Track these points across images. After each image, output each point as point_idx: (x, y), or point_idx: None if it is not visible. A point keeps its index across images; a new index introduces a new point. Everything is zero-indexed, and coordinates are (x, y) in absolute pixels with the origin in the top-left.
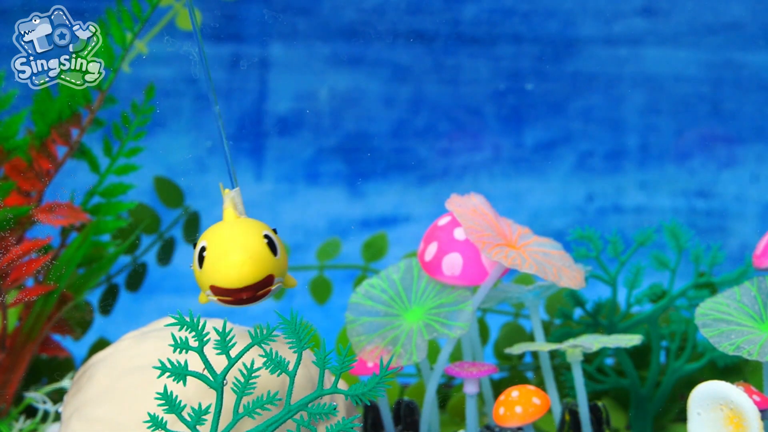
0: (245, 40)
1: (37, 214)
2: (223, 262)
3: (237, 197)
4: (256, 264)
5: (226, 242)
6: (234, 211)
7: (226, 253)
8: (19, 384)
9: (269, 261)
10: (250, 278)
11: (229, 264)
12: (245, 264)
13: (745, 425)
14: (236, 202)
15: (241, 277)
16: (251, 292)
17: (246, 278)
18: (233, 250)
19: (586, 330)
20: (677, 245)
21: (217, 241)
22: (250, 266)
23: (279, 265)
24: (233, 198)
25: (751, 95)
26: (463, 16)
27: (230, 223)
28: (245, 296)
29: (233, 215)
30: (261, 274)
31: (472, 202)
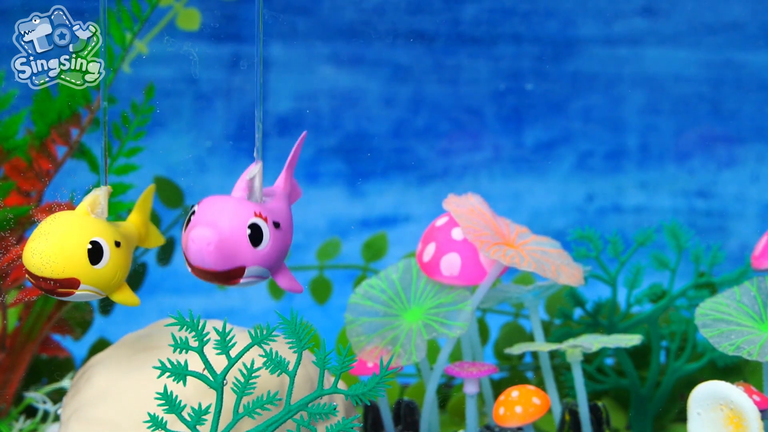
0: (245, 40)
1: (37, 214)
2: (30, 244)
3: (104, 198)
4: (58, 260)
5: (47, 229)
6: (86, 207)
7: (36, 237)
8: (19, 384)
9: (78, 265)
10: (46, 271)
11: (32, 248)
12: (46, 255)
13: (745, 425)
14: (99, 201)
15: (33, 265)
16: (51, 286)
17: (42, 268)
18: (42, 237)
19: (586, 330)
20: (677, 245)
21: (43, 225)
22: (50, 259)
23: (95, 275)
24: (98, 196)
25: (751, 95)
26: (463, 16)
27: (68, 213)
28: (43, 286)
29: (83, 210)
30: (60, 272)
31: (469, 201)
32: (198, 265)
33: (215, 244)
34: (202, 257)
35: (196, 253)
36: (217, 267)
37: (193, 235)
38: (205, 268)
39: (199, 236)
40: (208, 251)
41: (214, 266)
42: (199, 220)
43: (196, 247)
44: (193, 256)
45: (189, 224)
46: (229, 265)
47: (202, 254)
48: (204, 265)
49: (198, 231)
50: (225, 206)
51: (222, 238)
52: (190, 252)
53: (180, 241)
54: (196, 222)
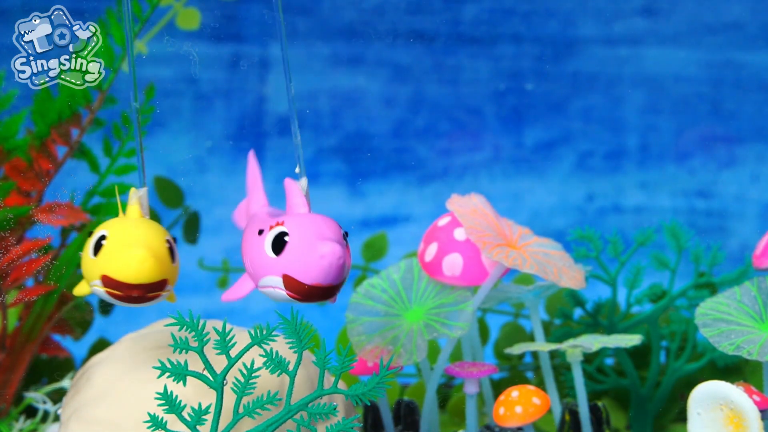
0: (245, 40)
1: (37, 214)
2: (124, 255)
3: (144, 198)
4: (156, 264)
5: (130, 236)
6: (140, 210)
7: (128, 246)
8: (19, 384)
9: (167, 265)
10: (148, 276)
11: (131, 257)
12: (147, 261)
13: (745, 425)
14: (143, 202)
15: (141, 273)
16: (142, 292)
17: (144, 275)
18: (137, 245)
19: (586, 330)
20: (677, 245)
21: (121, 232)
22: (151, 264)
23: (173, 272)
24: (141, 197)
25: (751, 95)
26: (463, 16)
27: (135, 219)
28: (135, 294)
29: (138, 212)
30: (158, 275)
31: (472, 202)
32: (319, 283)
33: (345, 259)
34: (329, 273)
35: (325, 269)
36: (338, 281)
37: (324, 252)
38: (327, 284)
39: (332, 252)
40: (338, 266)
41: (335, 281)
42: (313, 237)
43: (326, 264)
44: (320, 273)
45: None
46: (342, 278)
47: (331, 270)
48: (327, 281)
49: (331, 247)
50: (322, 223)
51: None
52: (316, 270)
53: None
54: (310, 239)
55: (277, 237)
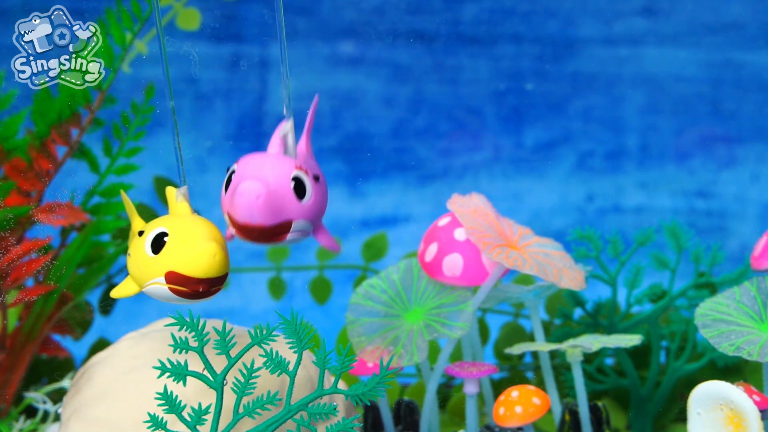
0: (245, 40)
1: (37, 214)
2: (194, 250)
3: (187, 195)
4: (224, 258)
5: (195, 231)
6: (188, 208)
7: (197, 242)
8: (19, 384)
9: (227, 261)
10: (218, 270)
11: (203, 251)
12: (218, 254)
13: (745, 425)
14: (187, 199)
15: (212, 266)
16: (207, 286)
17: (215, 269)
18: (207, 239)
19: (586, 330)
20: (677, 245)
21: (182, 229)
22: (221, 258)
23: (228, 267)
24: (185, 195)
25: (751, 95)
26: (463, 16)
27: (191, 215)
28: (201, 288)
29: (189, 209)
30: (226, 268)
31: (473, 202)
32: (246, 222)
33: (264, 197)
34: (251, 212)
35: (245, 207)
36: (267, 221)
37: (241, 189)
38: (254, 224)
39: (248, 189)
40: (257, 204)
41: (263, 221)
42: (243, 175)
43: (244, 201)
44: (242, 211)
45: (231, 182)
46: (278, 219)
47: (252, 208)
48: (253, 220)
49: (247, 184)
50: (266, 161)
51: (270, 190)
52: (238, 208)
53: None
54: (240, 177)
55: (228, 176)
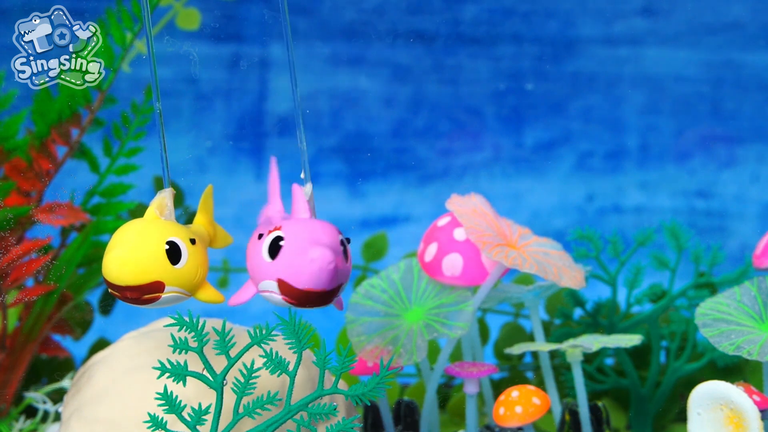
0: (245, 40)
1: (37, 214)
2: (107, 256)
3: (169, 199)
4: (139, 265)
5: (122, 238)
6: (154, 211)
7: (112, 248)
8: (19, 384)
9: (159, 267)
10: (130, 278)
11: (111, 258)
12: (127, 263)
13: (745, 425)
14: (166, 203)
15: (120, 275)
16: (136, 294)
17: (124, 277)
18: (119, 246)
19: (586, 330)
20: (677, 245)
21: (118, 236)
22: (132, 266)
23: (177, 275)
24: (164, 198)
25: (751, 95)
26: (463, 16)
27: (141, 220)
28: (129, 295)
29: (152, 214)
30: (143, 277)
31: (472, 202)
32: (310, 288)
33: (335, 263)
34: (320, 278)
35: (315, 274)
36: (330, 287)
37: (314, 256)
38: (319, 289)
39: (321, 257)
40: (328, 270)
41: (328, 286)
42: (305, 242)
43: (316, 269)
44: (310, 278)
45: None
46: (337, 283)
47: (322, 275)
48: (319, 286)
49: (321, 252)
50: (317, 228)
51: (336, 256)
52: (306, 275)
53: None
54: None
55: (273, 241)
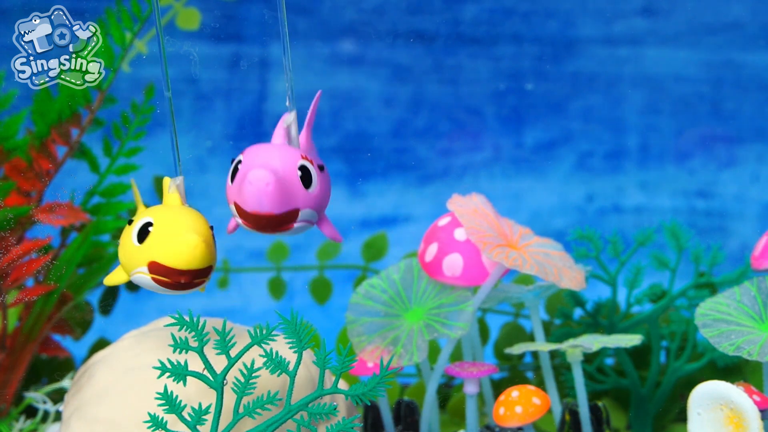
0: (245, 40)
1: (37, 214)
2: (175, 241)
3: (181, 186)
4: (206, 250)
5: (179, 223)
6: (179, 199)
7: (179, 233)
8: (19, 384)
9: (214, 252)
10: (199, 262)
11: (183, 243)
12: (198, 246)
13: (745, 425)
14: (181, 190)
15: (192, 258)
16: (189, 278)
17: (196, 261)
18: (188, 231)
19: (586, 330)
20: (677, 245)
21: (167, 219)
22: (203, 250)
23: (215, 259)
24: (179, 186)
25: (751, 95)
26: (463, 16)
27: (179, 207)
28: (183, 280)
29: (179, 201)
30: (208, 261)
31: (473, 202)
32: (255, 210)
33: (274, 184)
34: (260, 200)
35: (255, 195)
36: (276, 209)
37: (251, 177)
38: (263, 212)
39: (257, 177)
40: (267, 192)
41: (272, 209)
42: (251, 165)
43: (254, 189)
44: (251, 199)
45: (238, 172)
46: (286, 207)
47: (261, 196)
48: (262, 208)
49: (256, 172)
50: (273, 151)
51: (279, 178)
52: (247, 196)
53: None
54: (248, 166)
55: (235, 165)
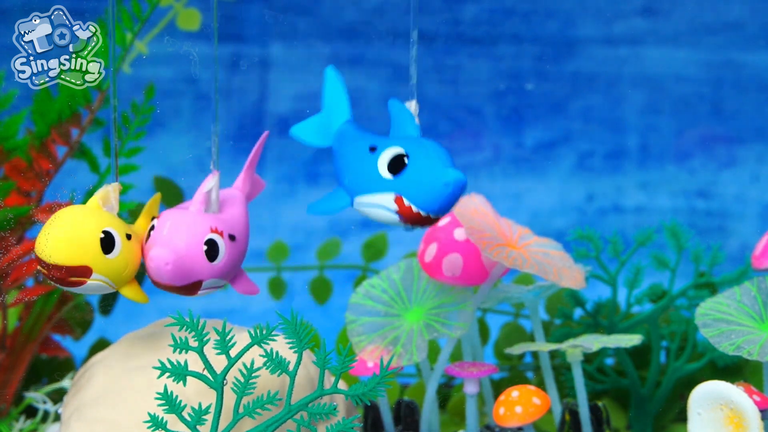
0: (245, 40)
1: (37, 214)
2: (42, 233)
3: (114, 193)
4: (71, 247)
5: (61, 219)
6: (97, 201)
7: (49, 226)
8: (19, 384)
9: (90, 253)
10: (60, 258)
11: (45, 236)
12: (60, 242)
13: (745, 425)
14: (110, 197)
15: (52, 252)
16: (63, 274)
17: (55, 256)
18: (56, 226)
19: (586, 330)
20: (677, 245)
21: (58, 217)
22: (65, 246)
23: (108, 265)
24: (109, 191)
25: (751, 95)
26: (463, 16)
27: (83, 206)
28: (55, 274)
29: (95, 203)
30: (74, 259)
31: (472, 202)
32: (157, 281)
33: (173, 264)
34: (160, 275)
35: (155, 270)
36: (175, 283)
37: (152, 255)
38: (164, 283)
39: (156, 256)
40: (166, 270)
41: (172, 282)
42: (156, 239)
43: (154, 266)
44: (152, 273)
45: (149, 240)
46: (186, 281)
47: (161, 272)
48: (162, 281)
49: (156, 251)
50: (182, 223)
51: (179, 257)
52: (150, 270)
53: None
54: (153, 241)
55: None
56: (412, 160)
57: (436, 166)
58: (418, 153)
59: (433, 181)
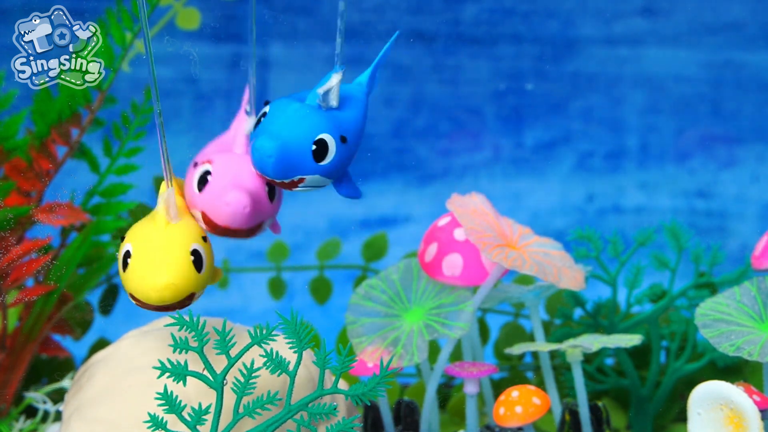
0: (245, 40)
1: (37, 214)
2: (145, 282)
3: (171, 198)
4: (178, 288)
5: (152, 256)
6: (166, 215)
7: (149, 272)
8: (19, 384)
9: (192, 281)
10: (170, 300)
11: (151, 286)
12: (167, 289)
13: (745, 425)
14: (170, 204)
15: (162, 299)
16: (169, 309)
17: (166, 301)
18: (158, 271)
19: (586, 330)
20: (677, 245)
21: (144, 249)
22: (173, 291)
23: (202, 280)
24: (167, 199)
25: (751, 95)
26: (463, 16)
27: (159, 229)
28: (162, 311)
29: (164, 220)
30: (182, 295)
31: (473, 202)
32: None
33: (251, 207)
34: (235, 219)
35: (231, 216)
36: (248, 225)
37: (229, 200)
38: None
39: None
40: (243, 214)
41: (245, 226)
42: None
43: (231, 211)
44: (227, 218)
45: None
46: (255, 222)
47: (237, 216)
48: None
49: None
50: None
51: (254, 200)
52: (222, 215)
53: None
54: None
55: (202, 175)
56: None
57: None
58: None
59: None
